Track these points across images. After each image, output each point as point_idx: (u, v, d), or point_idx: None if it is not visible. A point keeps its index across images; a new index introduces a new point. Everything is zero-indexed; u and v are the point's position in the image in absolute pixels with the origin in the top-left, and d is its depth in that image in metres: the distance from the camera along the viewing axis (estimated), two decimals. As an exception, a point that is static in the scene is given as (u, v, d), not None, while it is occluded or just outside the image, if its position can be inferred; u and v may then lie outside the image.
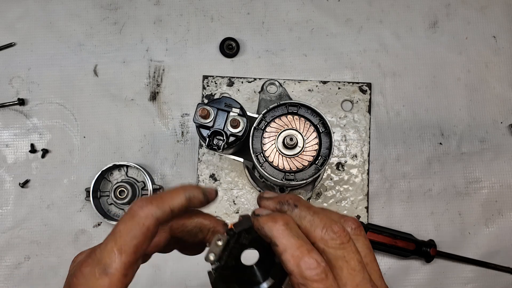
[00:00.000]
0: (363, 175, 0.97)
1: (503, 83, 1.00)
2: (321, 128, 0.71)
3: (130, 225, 0.39)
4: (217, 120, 0.70)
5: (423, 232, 0.96)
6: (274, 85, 0.82)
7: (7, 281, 0.95)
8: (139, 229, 0.39)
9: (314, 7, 1.01)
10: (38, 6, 1.02)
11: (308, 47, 1.00)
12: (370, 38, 1.01)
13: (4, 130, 0.99)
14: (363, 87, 0.99)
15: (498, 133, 0.99)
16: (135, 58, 1.00)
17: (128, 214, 0.40)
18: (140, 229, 0.39)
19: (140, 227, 0.39)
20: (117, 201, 0.94)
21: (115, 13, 1.02)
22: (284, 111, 0.72)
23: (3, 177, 0.98)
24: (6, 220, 0.97)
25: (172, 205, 0.41)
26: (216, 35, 1.01)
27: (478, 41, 1.01)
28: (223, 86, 0.99)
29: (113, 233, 0.39)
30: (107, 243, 0.39)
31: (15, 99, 0.98)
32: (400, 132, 0.99)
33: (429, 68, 1.00)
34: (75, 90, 1.00)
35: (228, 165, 0.97)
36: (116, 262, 0.38)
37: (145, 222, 0.39)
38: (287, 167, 0.71)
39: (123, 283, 0.39)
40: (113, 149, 0.98)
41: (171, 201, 0.41)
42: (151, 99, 1.00)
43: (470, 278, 0.95)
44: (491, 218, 0.97)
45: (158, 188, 0.94)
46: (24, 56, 1.00)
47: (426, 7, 1.01)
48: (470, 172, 0.98)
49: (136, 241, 0.39)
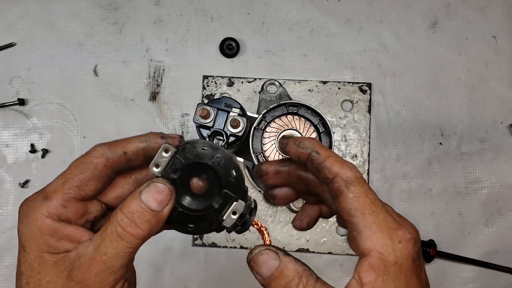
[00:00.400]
0: (363, 175, 0.97)
1: (503, 83, 1.00)
2: (321, 128, 0.71)
3: (79, 161, 0.40)
4: (217, 120, 0.70)
5: (423, 232, 0.96)
6: (274, 85, 0.82)
7: (7, 281, 0.96)
8: (86, 165, 0.40)
9: (314, 7, 1.01)
10: (38, 6, 1.02)
11: (308, 47, 1.01)
12: (370, 38, 1.01)
13: (4, 130, 0.99)
14: (363, 87, 0.99)
15: (498, 133, 0.99)
16: (135, 58, 1.00)
17: (83, 155, 0.41)
18: (88, 166, 0.40)
19: (88, 163, 0.40)
20: (117, 201, 0.94)
21: (115, 13, 1.02)
22: (284, 111, 0.72)
23: (3, 177, 0.98)
24: (6, 220, 0.97)
25: (126, 148, 0.41)
26: (216, 35, 1.01)
27: (478, 41, 1.01)
28: (223, 86, 0.99)
29: (65, 170, 0.41)
30: (57, 178, 0.40)
31: (15, 99, 0.98)
32: (400, 132, 0.99)
33: (429, 68, 1.00)
34: (75, 90, 1.00)
35: (228, 165, 0.97)
36: (57, 191, 0.39)
37: (94, 160, 0.40)
38: (287, 167, 0.71)
39: (61, 212, 0.39)
40: (113, 149, 0.98)
41: (126, 144, 0.41)
42: (151, 99, 1.00)
43: (470, 278, 0.96)
44: (491, 218, 0.97)
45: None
46: (24, 56, 1.00)
47: (426, 7, 1.01)
48: (470, 172, 0.98)
49: (82, 176, 0.40)
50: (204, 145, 0.40)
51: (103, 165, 0.40)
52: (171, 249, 0.95)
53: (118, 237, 0.38)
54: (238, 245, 0.95)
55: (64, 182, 0.39)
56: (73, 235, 0.39)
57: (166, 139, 0.41)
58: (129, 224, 0.38)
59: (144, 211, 0.39)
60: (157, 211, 0.39)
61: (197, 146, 0.40)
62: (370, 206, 0.39)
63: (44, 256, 0.39)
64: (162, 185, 0.39)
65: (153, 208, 0.39)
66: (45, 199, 0.39)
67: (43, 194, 0.40)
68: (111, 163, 0.41)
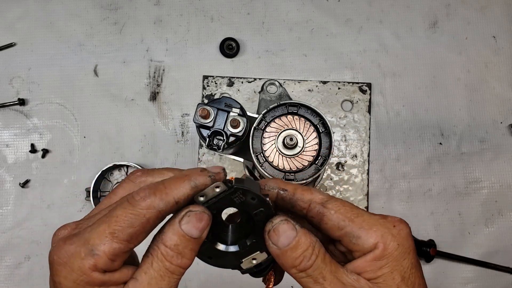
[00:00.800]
0: (363, 175, 0.97)
1: (503, 83, 1.00)
2: (321, 128, 0.71)
3: (129, 213, 0.37)
4: (217, 120, 0.70)
5: (423, 232, 0.96)
6: (274, 85, 0.82)
7: (7, 281, 0.96)
8: (138, 220, 0.37)
9: (314, 7, 1.01)
10: (38, 6, 1.02)
11: (308, 47, 1.01)
12: (370, 38, 1.01)
13: (4, 130, 0.99)
14: (363, 87, 0.99)
15: (498, 133, 0.99)
16: (135, 58, 1.00)
17: (129, 202, 0.38)
18: (140, 220, 0.37)
19: (140, 218, 0.37)
20: (117, 201, 0.94)
21: (115, 13, 1.02)
22: (284, 111, 0.72)
23: (3, 177, 0.98)
24: (6, 220, 0.97)
25: (177, 197, 0.38)
26: (216, 35, 1.01)
27: (478, 41, 1.01)
28: (223, 86, 0.99)
29: (108, 216, 0.38)
30: (99, 224, 0.37)
31: (15, 99, 0.98)
32: (400, 132, 0.99)
33: (429, 68, 1.00)
34: (75, 90, 1.00)
35: (228, 165, 0.97)
36: (105, 245, 0.36)
37: (146, 214, 0.37)
38: (287, 167, 0.71)
39: (109, 268, 0.37)
40: (113, 149, 0.99)
41: (176, 192, 0.39)
42: (151, 99, 1.00)
43: (470, 278, 0.96)
44: (491, 218, 0.97)
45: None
46: (24, 56, 1.00)
47: (426, 7, 1.01)
48: (470, 172, 0.98)
49: (132, 230, 0.37)
50: (253, 196, 0.41)
51: (155, 217, 0.38)
52: (171, 249, 0.95)
53: (168, 272, 0.38)
54: (238, 245, 0.95)
55: (112, 235, 0.37)
56: (119, 279, 0.38)
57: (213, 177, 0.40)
58: (176, 256, 0.38)
59: (187, 241, 0.38)
60: (198, 238, 0.39)
61: (247, 195, 0.40)
62: (352, 211, 0.42)
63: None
64: (202, 212, 0.39)
65: (195, 236, 0.38)
66: (92, 253, 0.36)
67: (88, 246, 0.37)
68: (163, 214, 0.38)
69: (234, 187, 0.40)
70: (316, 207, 0.42)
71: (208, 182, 0.40)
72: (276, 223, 0.40)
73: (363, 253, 0.41)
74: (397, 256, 0.41)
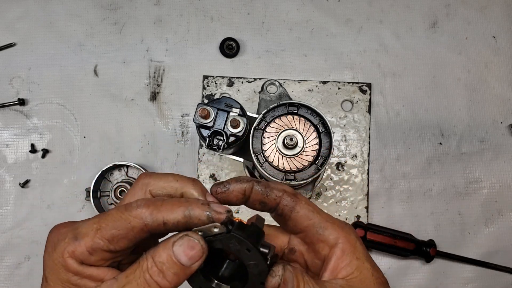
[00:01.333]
0: (363, 175, 0.97)
1: (503, 83, 1.00)
2: (321, 128, 0.71)
3: (119, 216, 0.39)
4: (217, 120, 0.70)
5: (423, 232, 0.96)
6: (274, 85, 0.82)
7: (7, 281, 0.96)
8: (123, 224, 0.38)
9: (314, 7, 1.01)
10: (38, 6, 1.02)
11: (308, 47, 1.01)
12: (370, 38, 1.01)
13: (4, 130, 0.99)
14: (363, 87, 0.99)
15: (498, 133, 0.99)
16: (135, 58, 1.00)
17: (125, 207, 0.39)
18: (125, 224, 0.38)
19: (126, 223, 0.38)
20: (117, 201, 0.94)
21: (115, 13, 1.02)
22: (284, 111, 0.72)
23: (3, 177, 0.98)
24: (6, 220, 0.97)
25: (166, 218, 0.39)
26: (216, 35, 1.01)
27: (478, 41, 1.01)
28: (223, 86, 0.99)
29: (103, 213, 0.40)
30: (93, 218, 0.39)
31: (15, 99, 0.98)
32: (400, 132, 0.99)
33: (429, 68, 1.00)
34: (75, 90, 1.00)
35: (228, 165, 0.97)
36: (88, 237, 0.38)
37: (132, 221, 0.38)
38: (287, 167, 0.71)
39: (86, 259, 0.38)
40: (113, 149, 0.99)
41: (167, 213, 0.39)
42: (151, 99, 1.00)
43: (470, 278, 0.96)
44: (491, 218, 0.97)
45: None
46: (24, 56, 1.00)
47: (426, 7, 1.01)
48: (470, 172, 0.98)
49: (115, 232, 0.38)
50: (249, 248, 0.39)
51: (140, 229, 0.39)
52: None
53: (146, 283, 0.38)
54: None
55: (97, 230, 0.38)
56: (96, 275, 0.39)
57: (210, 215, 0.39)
58: (157, 273, 0.38)
59: (173, 263, 0.38)
60: (186, 265, 0.38)
61: (242, 245, 0.39)
62: (316, 207, 0.45)
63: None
64: (195, 241, 0.38)
65: (182, 262, 0.38)
66: (75, 239, 0.38)
67: (74, 232, 0.39)
68: (148, 229, 0.39)
69: (230, 234, 0.39)
70: (290, 196, 0.44)
71: (203, 218, 0.39)
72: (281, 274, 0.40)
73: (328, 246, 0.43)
74: (358, 246, 0.44)
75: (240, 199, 0.44)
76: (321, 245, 0.44)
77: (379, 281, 0.44)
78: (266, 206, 0.44)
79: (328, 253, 0.43)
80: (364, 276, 0.43)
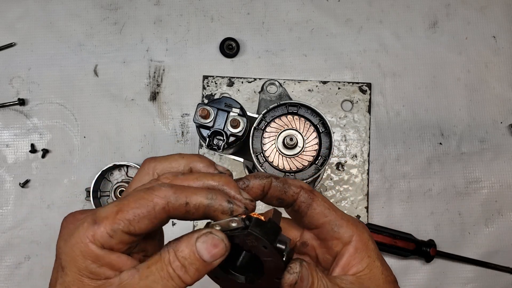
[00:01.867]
0: (363, 175, 0.97)
1: (503, 83, 1.00)
2: (321, 128, 0.71)
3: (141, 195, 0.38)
4: (217, 120, 0.70)
5: (423, 232, 0.96)
6: (274, 85, 0.82)
7: (7, 281, 0.96)
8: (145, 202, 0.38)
9: (314, 7, 1.01)
10: (38, 6, 1.02)
11: (308, 47, 1.01)
12: (370, 38, 1.01)
13: (4, 130, 0.99)
14: (363, 87, 0.99)
15: (498, 133, 0.99)
16: (135, 58, 1.00)
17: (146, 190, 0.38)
18: (146, 203, 0.38)
19: (148, 202, 0.38)
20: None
21: (115, 13, 1.02)
22: (284, 111, 0.72)
23: (3, 177, 0.98)
24: (6, 220, 0.97)
25: (189, 199, 0.39)
26: (216, 35, 1.01)
27: (478, 41, 1.01)
28: (223, 86, 0.99)
29: (122, 198, 0.39)
30: (111, 204, 0.38)
31: (15, 99, 0.98)
32: (400, 132, 0.99)
33: (429, 68, 1.00)
34: (75, 90, 1.00)
35: (228, 165, 0.97)
36: (108, 220, 0.37)
37: (155, 199, 0.38)
38: (287, 167, 0.71)
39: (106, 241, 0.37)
40: (113, 149, 0.99)
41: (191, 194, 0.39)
42: (151, 99, 1.00)
43: (470, 278, 0.96)
44: (491, 218, 0.97)
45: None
46: (24, 56, 1.00)
47: (426, 7, 1.01)
48: (470, 172, 0.98)
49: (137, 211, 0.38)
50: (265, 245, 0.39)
51: (162, 207, 0.38)
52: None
53: (168, 277, 0.38)
54: (238, 245, 0.95)
55: (117, 212, 0.37)
56: (115, 263, 0.38)
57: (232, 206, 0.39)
58: (180, 268, 0.38)
59: (195, 259, 0.38)
60: (208, 262, 0.38)
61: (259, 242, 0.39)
62: (331, 204, 0.46)
63: (84, 280, 0.38)
64: (219, 239, 0.39)
65: (204, 258, 0.38)
66: (94, 223, 0.37)
67: (93, 216, 0.38)
68: (170, 208, 0.38)
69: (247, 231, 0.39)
70: (307, 193, 0.44)
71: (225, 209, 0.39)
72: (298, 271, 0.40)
73: (342, 243, 0.44)
74: (370, 245, 0.45)
75: (258, 195, 0.44)
76: (335, 242, 0.44)
77: (388, 279, 0.45)
78: (284, 202, 0.45)
79: (341, 250, 0.44)
80: (374, 274, 0.44)
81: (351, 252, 0.44)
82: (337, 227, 0.44)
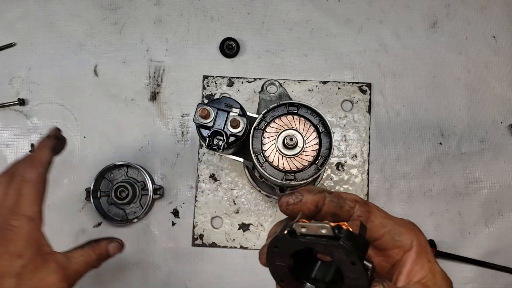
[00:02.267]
0: (363, 175, 0.97)
1: (503, 83, 1.00)
2: (321, 128, 0.71)
3: None
4: (217, 120, 0.70)
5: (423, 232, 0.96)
6: (274, 85, 0.83)
7: (7, 281, 0.95)
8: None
9: (314, 7, 1.01)
10: (38, 6, 1.02)
11: (308, 47, 1.01)
12: (370, 38, 1.01)
13: (4, 130, 0.99)
14: (363, 87, 0.99)
15: (498, 133, 0.99)
16: (135, 58, 1.00)
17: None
18: None
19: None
20: (117, 201, 0.94)
21: (115, 13, 1.02)
22: (284, 111, 0.72)
23: (3, 177, 0.98)
24: (6, 220, 0.97)
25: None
26: (216, 35, 1.01)
27: (478, 41, 1.01)
28: (223, 86, 0.99)
29: None
30: None
31: (15, 99, 0.98)
32: (400, 132, 0.99)
33: (429, 68, 1.00)
34: (75, 90, 1.00)
35: (228, 165, 0.97)
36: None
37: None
38: (287, 167, 0.71)
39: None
40: (113, 149, 0.99)
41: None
42: (151, 99, 1.00)
43: (470, 278, 0.96)
44: (491, 218, 0.97)
45: (158, 188, 0.94)
46: (24, 56, 1.00)
47: (426, 7, 1.01)
48: (470, 172, 0.98)
49: None
50: (354, 262, 0.37)
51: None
52: (170, 249, 0.95)
53: None
54: (238, 245, 0.95)
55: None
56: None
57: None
58: None
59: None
60: None
61: (349, 256, 0.37)
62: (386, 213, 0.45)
63: None
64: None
65: None
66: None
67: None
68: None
69: (339, 243, 0.37)
70: (362, 206, 0.43)
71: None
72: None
73: (403, 250, 0.43)
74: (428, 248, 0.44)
75: (312, 211, 0.42)
76: (396, 251, 0.43)
77: (448, 283, 0.44)
78: (339, 218, 0.42)
79: (402, 257, 0.43)
80: (437, 279, 0.43)
81: (413, 258, 0.43)
82: (397, 236, 0.43)
